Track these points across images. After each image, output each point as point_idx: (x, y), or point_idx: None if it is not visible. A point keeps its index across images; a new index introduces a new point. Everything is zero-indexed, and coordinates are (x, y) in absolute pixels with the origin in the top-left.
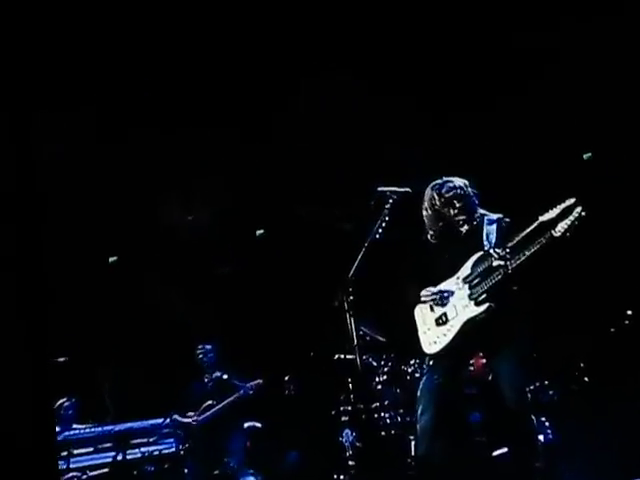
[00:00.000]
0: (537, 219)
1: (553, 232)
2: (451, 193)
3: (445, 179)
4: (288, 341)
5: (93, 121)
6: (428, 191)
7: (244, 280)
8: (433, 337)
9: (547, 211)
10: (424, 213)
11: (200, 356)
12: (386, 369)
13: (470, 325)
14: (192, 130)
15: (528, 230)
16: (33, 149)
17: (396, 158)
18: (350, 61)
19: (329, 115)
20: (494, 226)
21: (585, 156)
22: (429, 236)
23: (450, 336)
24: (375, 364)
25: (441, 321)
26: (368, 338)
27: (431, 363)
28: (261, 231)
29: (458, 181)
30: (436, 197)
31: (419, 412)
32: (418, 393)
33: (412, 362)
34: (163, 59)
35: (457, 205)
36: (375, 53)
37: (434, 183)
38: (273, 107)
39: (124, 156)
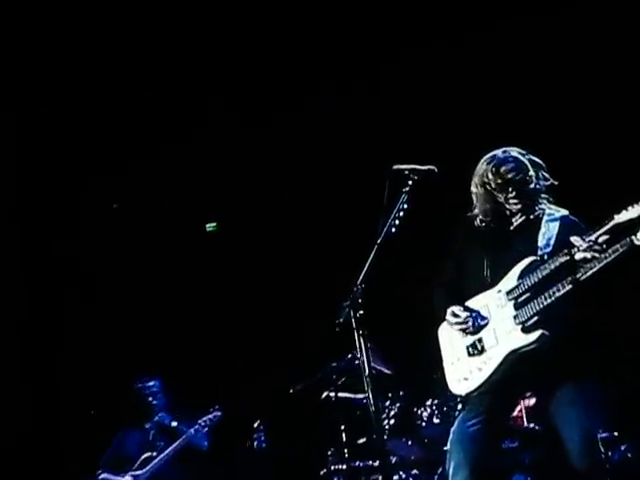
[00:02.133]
0: (611, 218)
1: (635, 239)
2: (511, 173)
3: (505, 152)
4: (259, 372)
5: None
6: (482, 166)
7: (195, 287)
8: (464, 371)
9: (625, 209)
10: (474, 192)
11: (145, 397)
12: (393, 412)
13: (515, 358)
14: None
15: (600, 232)
16: None
17: (419, 126)
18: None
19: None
20: (556, 225)
21: None
22: (477, 222)
23: (487, 372)
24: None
25: (475, 350)
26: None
27: (460, 407)
28: (213, 224)
29: (521, 157)
30: (491, 176)
31: (450, 471)
32: (447, 445)
33: (429, 403)
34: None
35: (512, 189)
36: None
37: (490, 156)
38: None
39: None
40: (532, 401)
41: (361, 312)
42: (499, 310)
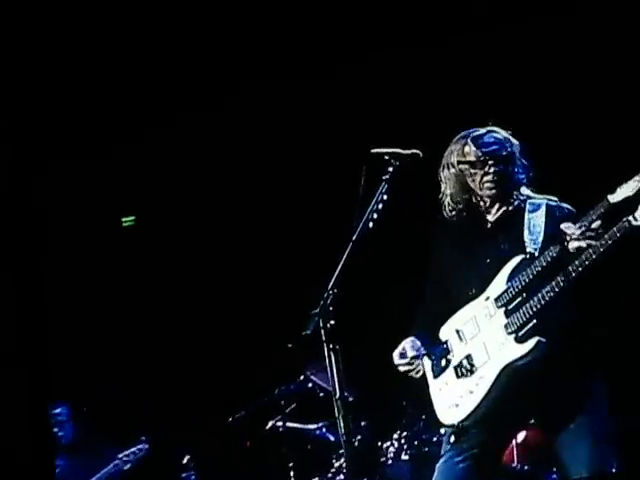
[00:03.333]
0: (605, 199)
1: (632, 219)
2: (492, 147)
3: (489, 129)
4: (191, 396)
5: None
6: (459, 140)
7: (114, 288)
8: (453, 397)
9: (619, 187)
10: (443, 174)
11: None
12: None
13: (511, 374)
14: None
15: (593, 216)
16: None
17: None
18: None
19: None
20: (542, 214)
21: None
22: (447, 212)
23: (480, 394)
24: (333, 439)
25: (465, 371)
26: (321, 394)
27: (452, 439)
28: (130, 218)
29: (504, 133)
30: (467, 149)
31: None
32: None
33: (397, 436)
34: None
35: (490, 169)
36: None
37: (470, 131)
38: None
39: None
40: (522, 436)
41: (332, 322)
42: (488, 320)
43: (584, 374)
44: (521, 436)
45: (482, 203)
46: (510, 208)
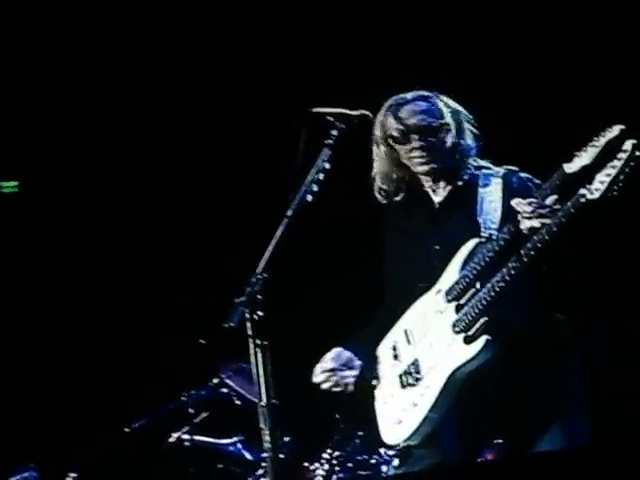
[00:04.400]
0: (560, 169)
1: (587, 192)
2: (416, 120)
3: (412, 94)
4: (80, 403)
5: None
6: (380, 112)
7: None
8: (397, 411)
9: (577, 154)
10: (373, 151)
11: None
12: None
13: (460, 382)
14: None
15: (547, 189)
16: None
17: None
18: None
19: None
20: (498, 189)
21: None
22: (378, 196)
23: (425, 407)
24: (250, 457)
25: (410, 379)
26: (238, 402)
27: (396, 463)
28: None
29: (434, 100)
30: (391, 121)
31: None
32: None
33: (327, 456)
34: None
35: (418, 145)
36: None
37: (393, 100)
38: None
39: None
40: None
41: (260, 313)
42: (438, 318)
43: (550, 376)
44: None
45: (425, 182)
46: (459, 184)
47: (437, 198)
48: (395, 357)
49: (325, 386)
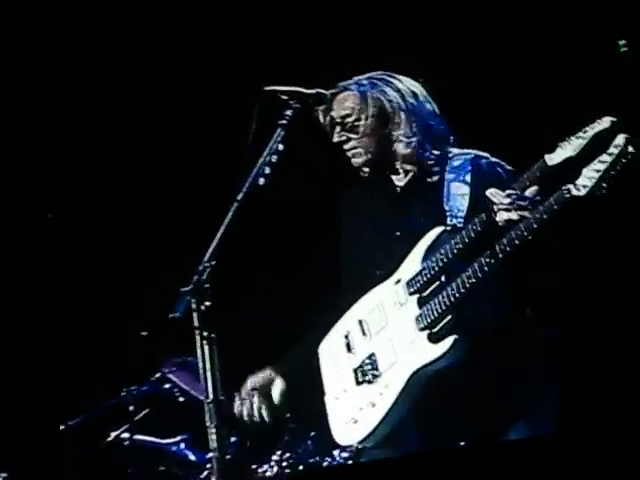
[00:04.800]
0: (541, 161)
1: (573, 188)
2: (381, 103)
3: (383, 74)
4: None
5: None
6: (342, 91)
7: None
8: (352, 409)
9: (560, 145)
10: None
11: None
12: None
13: (422, 383)
14: None
15: (526, 181)
16: None
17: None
18: None
19: None
20: (466, 175)
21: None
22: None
23: (384, 407)
24: (194, 458)
25: (366, 376)
26: (181, 399)
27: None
28: None
29: (402, 81)
30: (334, 107)
31: None
32: None
33: (277, 457)
34: None
35: (391, 127)
36: None
37: (340, 84)
38: None
39: None
40: None
41: (207, 304)
42: (398, 310)
43: (520, 375)
44: None
45: (389, 163)
46: (425, 168)
47: (400, 182)
48: (348, 348)
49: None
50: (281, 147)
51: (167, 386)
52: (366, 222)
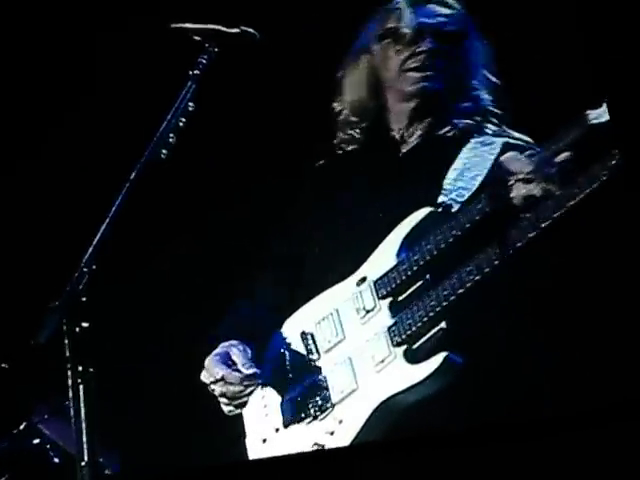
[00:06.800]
0: (582, 117)
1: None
2: (437, 20)
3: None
4: None
5: None
6: (386, 9)
7: None
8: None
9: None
10: (349, 65)
11: None
12: None
13: (394, 418)
14: None
15: (560, 142)
16: None
17: None
18: None
19: None
20: (490, 155)
21: None
22: (343, 136)
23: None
24: None
25: (310, 406)
26: (56, 459)
27: None
28: None
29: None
30: (408, 18)
31: None
32: None
33: None
34: None
35: (433, 50)
36: None
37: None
38: None
39: None
40: None
41: (85, 325)
42: (361, 319)
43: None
44: None
45: (397, 123)
46: (442, 132)
47: (405, 147)
48: (286, 373)
49: (231, 390)
50: (192, 106)
51: (36, 441)
52: (342, 200)
